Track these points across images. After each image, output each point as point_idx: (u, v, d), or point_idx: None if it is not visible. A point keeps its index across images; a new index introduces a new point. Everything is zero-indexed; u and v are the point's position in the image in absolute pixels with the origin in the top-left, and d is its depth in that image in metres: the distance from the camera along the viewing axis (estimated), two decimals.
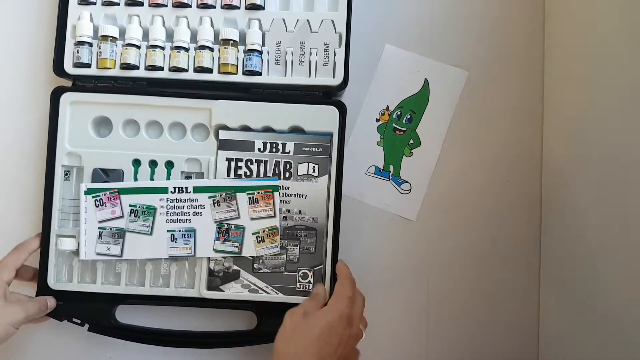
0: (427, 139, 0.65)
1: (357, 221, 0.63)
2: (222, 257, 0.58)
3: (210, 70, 0.59)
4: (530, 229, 0.64)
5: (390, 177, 0.64)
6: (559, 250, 0.60)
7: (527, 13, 0.65)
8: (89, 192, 0.57)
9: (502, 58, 0.65)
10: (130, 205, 0.57)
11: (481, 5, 0.65)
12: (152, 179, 0.59)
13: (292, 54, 0.60)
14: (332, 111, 0.59)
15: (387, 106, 0.65)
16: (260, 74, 0.60)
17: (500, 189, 0.64)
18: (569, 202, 0.58)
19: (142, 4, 0.60)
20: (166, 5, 0.60)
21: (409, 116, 0.64)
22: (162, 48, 0.59)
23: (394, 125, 0.65)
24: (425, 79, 0.65)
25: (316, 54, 0.59)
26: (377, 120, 0.65)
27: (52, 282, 0.57)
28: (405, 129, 0.65)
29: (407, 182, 0.64)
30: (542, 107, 0.64)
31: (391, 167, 0.64)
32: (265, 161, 0.59)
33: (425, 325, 0.63)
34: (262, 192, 0.58)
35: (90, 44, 0.59)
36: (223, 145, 0.59)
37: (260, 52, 0.59)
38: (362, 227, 0.63)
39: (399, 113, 0.65)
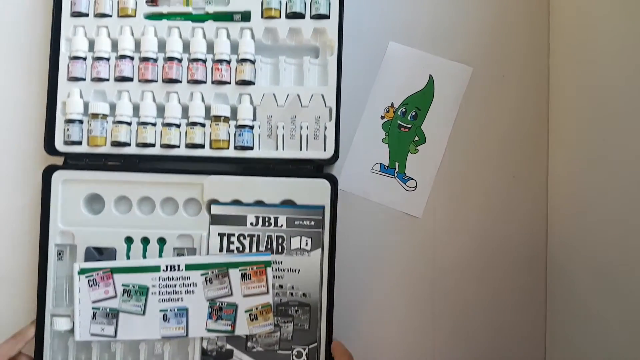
0: (433, 135, 0.64)
1: (362, 219, 0.63)
2: (215, 336, 0.58)
3: (201, 146, 0.59)
4: (536, 225, 0.63)
5: (396, 174, 0.64)
6: (566, 247, 0.59)
7: (532, 8, 0.64)
8: (82, 272, 0.57)
9: (507, 53, 0.64)
10: (123, 285, 0.57)
11: (485, 1, 0.65)
12: (144, 256, 0.59)
13: (283, 128, 0.59)
14: (323, 184, 0.59)
15: (392, 103, 0.64)
16: (251, 148, 0.59)
17: (507, 185, 0.64)
18: (576, 197, 0.58)
19: (131, 80, 0.60)
20: (156, 81, 0.60)
21: (414, 113, 0.64)
22: (153, 124, 0.59)
23: (399, 122, 0.64)
24: (430, 75, 0.64)
25: (307, 128, 0.59)
26: (382, 118, 0.65)
27: None
28: (410, 126, 0.64)
29: (413, 179, 0.64)
30: (548, 102, 0.64)
31: (396, 164, 0.64)
32: (258, 235, 0.59)
33: (431, 321, 0.63)
34: (255, 267, 0.58)
35: (81, 121, 0.59)
36: (215, 220, 0.59)
37: (252, 127, 0.59)
38: (368, 224, 0.63)
39: (403, 110, 0.64)
